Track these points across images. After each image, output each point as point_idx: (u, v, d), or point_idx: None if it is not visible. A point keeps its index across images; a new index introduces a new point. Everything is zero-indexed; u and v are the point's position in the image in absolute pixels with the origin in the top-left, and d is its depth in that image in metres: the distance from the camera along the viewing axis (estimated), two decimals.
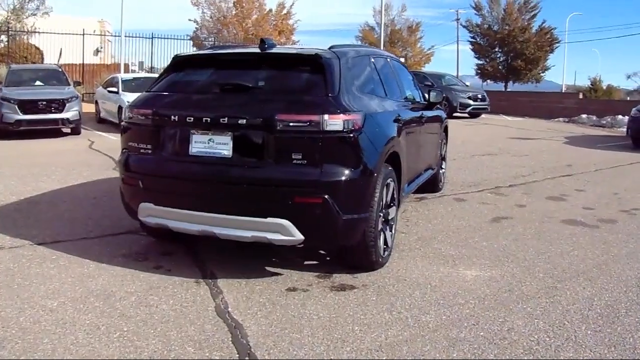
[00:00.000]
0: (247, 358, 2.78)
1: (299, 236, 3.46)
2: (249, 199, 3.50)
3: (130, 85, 13.56)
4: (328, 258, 4.34)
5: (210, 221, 3.59)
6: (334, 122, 3.42)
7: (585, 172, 8.93)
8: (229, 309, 3.33)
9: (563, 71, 48.08)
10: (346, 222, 3.54)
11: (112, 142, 11.36)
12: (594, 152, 11.67)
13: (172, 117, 3.70)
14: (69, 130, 12.16)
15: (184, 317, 3.22)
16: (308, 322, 3.20)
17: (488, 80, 37.77)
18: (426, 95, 5.95)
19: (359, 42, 40.60)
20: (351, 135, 3.49)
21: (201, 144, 3.64)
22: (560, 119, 21.12)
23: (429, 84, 18.05)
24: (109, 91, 13.42)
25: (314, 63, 3.73)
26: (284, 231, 3.45)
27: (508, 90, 33.69)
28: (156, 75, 16.30)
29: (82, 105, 12.22)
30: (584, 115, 20.00)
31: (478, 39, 37.48)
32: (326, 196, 3.42)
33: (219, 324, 3.14)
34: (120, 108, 12.85)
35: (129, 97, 12.72)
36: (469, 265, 4.28)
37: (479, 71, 37.25)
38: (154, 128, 3.80)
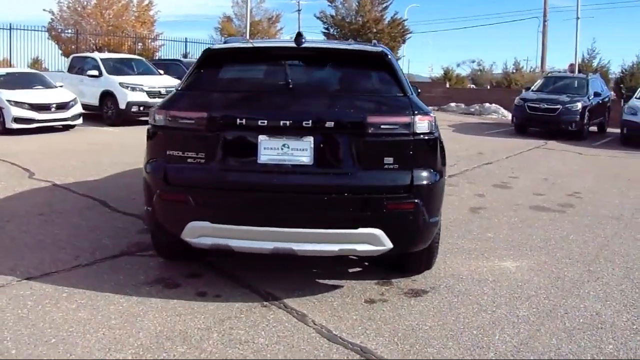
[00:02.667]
0: None
1: (389, 245, 3.27)
2: (336, 209, 3.20)
3: (4, 82, 11.48)
4: (366, 263, 4.17)
5: (287, 237, 3.21)
6: (422, 124, 3.29)
7: (501, 160, 9.79)
8: (335, 332, 3.04)
9: (402, 61, 51.71)
10: (430, 226, 3.44)
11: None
12: (490, 140, 12.83)
13: (238, 120, 3.21)
14: None
15: (297, 350, 2.86)
16: (425, 334, 3.07)
17: None
18: None
19: (219, 34, 39.75)
20: (433, 136, 3.38)
21: (273, 150, 3.22)
22: (430, 107, 22.67)
23: None
24: None
25: (380, 61, 3.52)
26: (375, 241, 3.23)
27: None
28: (32, 70, 14.26)
29: None
30: (452, 104, 21.78)
31: (332, 30, 38.61)
32: (417, 201, 3.27)
33: (342, 352, 2.85)
34: None
35: (8, 95, 10.92)
36: (500, 257, 4.44)
37: None
38: (208, 133, 3.26)
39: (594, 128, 14.11)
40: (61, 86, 12.03)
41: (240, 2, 35.28)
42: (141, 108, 12.64)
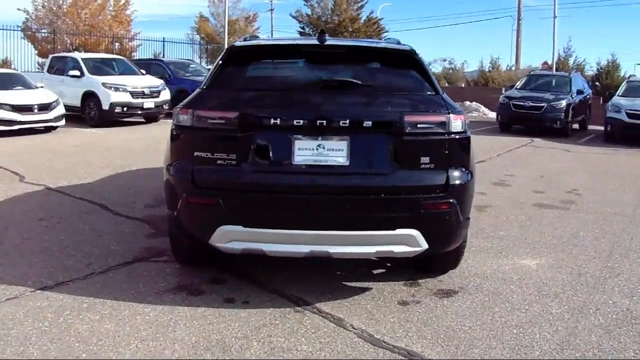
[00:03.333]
0: None
1: (424, 246, 3.22)
2: (373, 210, 3.13)
3: None
4: (389, 264, 4.11)
5: (323, 240, 3.12)
6: (456, 122, 3.25)
7: (492, 157, 9.87)
8: (377, 336, 2.97)
9: None
10: (463, 226, 3.41)
11: None
12: (477, 138, 12.47)
13: (272, 120, 3.10)
14: None
15: (343, 356, 2.78)
16: (466, 334, 3.04)
17: None
18: None
19: (196, 33, 39.29)
20: (466, 135, 3.35)
21: (308, 151, 3.12)
22: None
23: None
24: None
25: (409, 59, 3.47)
26: (412, 242, 3.17)
27: None
28: (12, 70, 13.72)
29: None
30: None
31: (307, 30, 38.44)
32: (452, 200, 3.23)
33: (389, 356, 2.79)
34: None
35: None
36: (518, 255, 4.44)
37: None
38: (239, 134, 3.14)
39: (575, 125, 14.37)
40: (42, 87, 11.65)
41: (216, 1, 34.97)
42: (125, 109, 12.37)
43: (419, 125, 3.14)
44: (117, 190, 6.32)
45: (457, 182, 3.26)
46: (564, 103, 12.87)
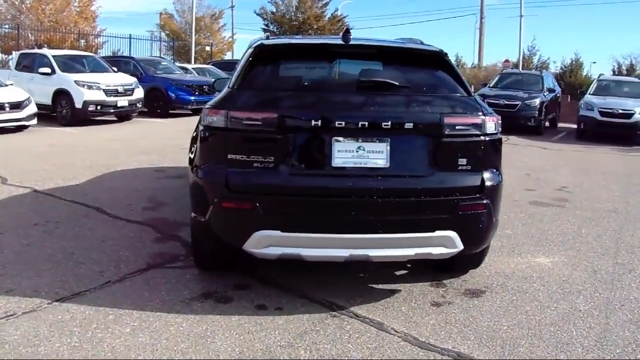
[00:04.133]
0: None
1: (460, 247, 3.22)
2: (413, 213, 3.10)
3: None
4: (409, 265, 4.10)
5: (363, 244, 3.08)
6: (491, 124, 3.26)
7: None
8: (422, 339, 2.95)
9: None
10: (495, 226, 3.43)
11: None
12: None
13: (313, 121, 3.02)
14: None
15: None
16: (507, 334, 3.07)
17: None
18: None
19: (160, 30, 38.47)
20: (498, 136, 3.36)
21: (347, 153, 3.06)
22: None
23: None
24: None
25: (439, 60, 3.45)
26: (450, 244, 3.17)
27: None
28: None
29: None
30: None
31: (272, 27, 38.17)
32: (486, 201, 3.24)
33: (440, 359, 2.76)
34: None
35: None
36: (530, 253, 4.52)
37: None
38: (277, 135, 3.05)
39: (546, 123, 14.77)
40: (11, 84, 11.11)
41: None
42: (98, 107, 11.95)
43: (457, 127, 3.14)
44: (109, 192, 6.08)
45: (491, 183, 3.27)
46: (537, 101, 13.21)
